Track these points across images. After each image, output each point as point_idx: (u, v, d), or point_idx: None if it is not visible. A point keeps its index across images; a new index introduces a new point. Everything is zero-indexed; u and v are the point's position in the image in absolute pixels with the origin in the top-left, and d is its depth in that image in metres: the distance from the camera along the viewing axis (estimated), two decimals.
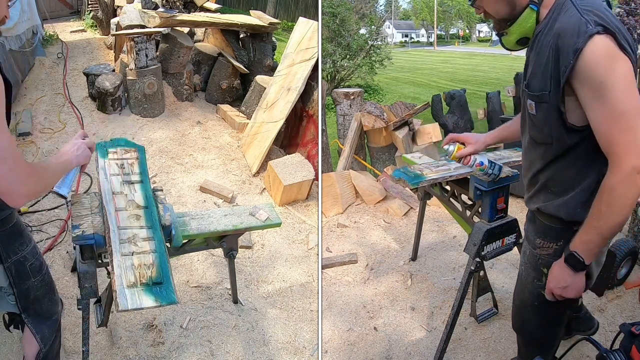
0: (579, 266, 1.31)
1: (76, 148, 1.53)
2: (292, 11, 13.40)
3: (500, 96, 5.52)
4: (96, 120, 4.35)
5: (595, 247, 1.28)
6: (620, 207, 1.20)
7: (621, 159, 1.17)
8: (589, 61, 1.16)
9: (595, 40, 1.15)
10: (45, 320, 1.62)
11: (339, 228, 3.55)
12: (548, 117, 1.32)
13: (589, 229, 1.27)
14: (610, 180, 1.20)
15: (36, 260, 1.55)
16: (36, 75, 5.03)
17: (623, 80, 1.15)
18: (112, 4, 6.29)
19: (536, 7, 1.30)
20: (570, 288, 1.36)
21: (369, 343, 2.41)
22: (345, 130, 4.47)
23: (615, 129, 1.17)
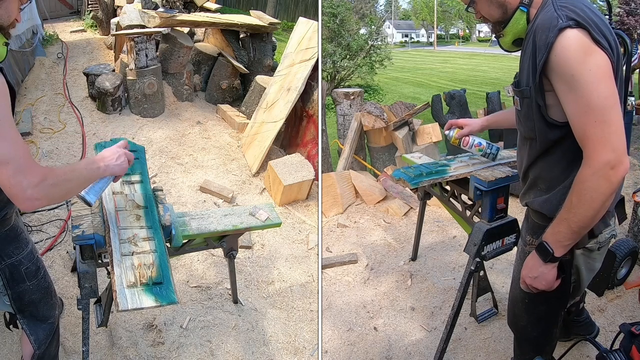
0: (547, 256, 1.32)
1: (116, 157, 1.47)
2: (292, 11, 13.41)
3: (500, 96, 5.51)
4: (96, 120, 4.35)
5: (564, 239, 1.28)
6: (590, 201, 1.19)
7: (593, 152, 1.17)
8: (560, 54, 1.17)
9: (566, 33, 1.16)
10: (40, 323, 1.61)
11: (339, 228, 3.55)
12: (530, 112, 1.34)
13: (560, 220, 1.27)
14: (583, 173, 1.20)
15: (32, 264, 1.54)
16: (36, 75, 5.03)
17: (595, 73, 1.15)
18: (112, 4, 6.29)
19: (526, 9, 1.33)
20: (539, 279, 1.36)
21: (369, 343, 2.41)
22: (345, 130, 4.47)
23: (588, 122, 1.16)
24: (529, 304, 1.57)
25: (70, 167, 1.39)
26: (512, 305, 1.69)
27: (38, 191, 1.22)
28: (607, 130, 1.15)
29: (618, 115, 1.16)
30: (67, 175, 1.33)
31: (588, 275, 1.48)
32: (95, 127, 4.23)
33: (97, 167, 1.42)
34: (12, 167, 1.18)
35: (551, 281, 1.37)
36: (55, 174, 1.29)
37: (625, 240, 2.64)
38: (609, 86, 1.16)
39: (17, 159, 1.19)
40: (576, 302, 2.02)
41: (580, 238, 1.31)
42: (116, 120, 4.35)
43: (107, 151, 1.48)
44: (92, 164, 1.42)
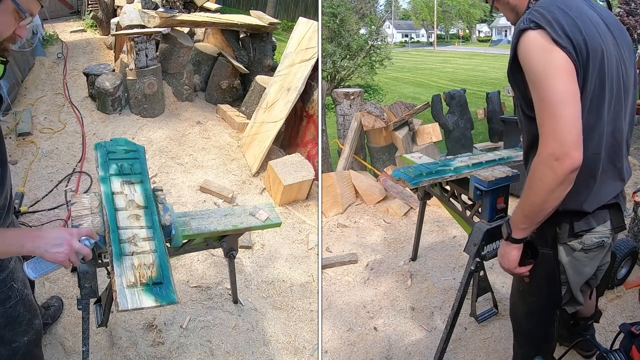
0: (505, 234, 1.42)
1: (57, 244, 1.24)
2: (292, 11, 13.40)
3: (500, 96, 5.51)
4: (96, 120, 4.35)
5: (519, 222, 1.37)
6: (536, 189, 1.27)
7: (542, 144, 1.23)
8: (521, 53, 1.27)
9: (527, 34, 1.25)
10: (4, 344, 1.55)
11: (339, 228, 3.55)
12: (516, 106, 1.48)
13: (518, 205, 1.37)
14: (534, 163, 1.27)
15: (1, 293, 1.45)
16: (36, 75, 5.03)
17: (551, 69, 1.21)
18: (112, 4, 6.29)
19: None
20: (503, 257, 1.46)
21: (369, 343, 2.41)
22: (345, 130, 4.47)
23: (542, 115, 1.24)
24: (522, 293, 1.64)
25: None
26: (511, 294, 1.76)
27: None
28: (557, 123, 1.20)
29: (572, 111, 1.20)
30: None
31: (576, 277, 1.48)
32: (95, 127, 4.23)
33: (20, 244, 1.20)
34: None
35: (513, 261, 1.44)
36: None
37: (625, 240, 2.64)
38: (564, 82, 1.20)
39: None
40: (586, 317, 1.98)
41: (533, 225, 1.36)
42: (116, 120, 4.35)
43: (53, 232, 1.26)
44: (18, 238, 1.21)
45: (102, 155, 1.97)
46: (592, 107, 1.27)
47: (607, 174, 1.36)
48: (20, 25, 1.22)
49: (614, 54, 1.30)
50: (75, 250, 1.27)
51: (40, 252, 1.21)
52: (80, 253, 1.30)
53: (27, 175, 3.47)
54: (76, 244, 1.27)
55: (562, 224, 1.41)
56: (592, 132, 1.28)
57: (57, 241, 1.23)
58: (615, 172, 1.38)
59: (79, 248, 1.29)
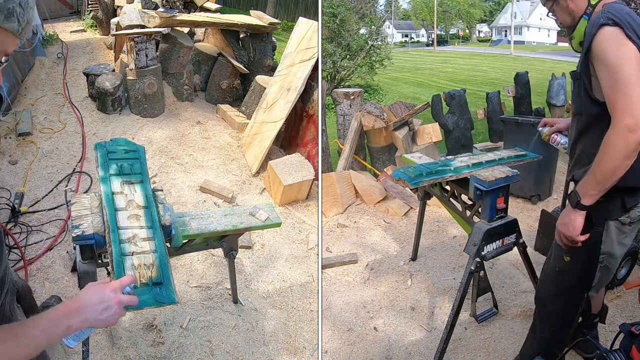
0: (575, 202, 1.58)
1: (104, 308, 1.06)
2: (292, 11, 13.40)
3: (500, 96, 5.51)
4: (96, 120, 4.35)
5: (590, 188, 1.54)
6: (611, 156, 1.47)
7: (617, 118, 1.45)
8: (598, 42, 1.51)
9: (605, 28, 1.50)
10: None
11: (339, 228, 3.55)
12: (579, 91, 1.66)
13: (589, 173, 1.55)
14: (608, 133, 1.48)
15: None
16: (36, 75, 5.03)
17: (623, 57, 1.46)
18: (112, 4, 6.29)
19: (587, 17, 1.67)
20: (568, 224, 1.61)
21: (369, 343, 2.41)
22: (345, 130, 4.47)
23: (616, 94, 1.46)
24: (557, 273, 1.79)
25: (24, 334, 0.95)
26: (542, 275, 1.91)
27: None
28: (630, 101, 1.43)
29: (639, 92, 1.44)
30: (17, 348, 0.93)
31: (620, 249, 1.71)
32: (95, 127, 4.23)
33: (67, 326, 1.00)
34: None
35: (577, 228, 1.59)
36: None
37: None
38: (633, 69, 1.45)
39: None
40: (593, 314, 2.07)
41: (601, 192, 1.54)
42: (116, 120, 4.35)
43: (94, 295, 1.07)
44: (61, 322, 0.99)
45: (102, 155, 1.97)
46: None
47: None
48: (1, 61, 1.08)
49: None
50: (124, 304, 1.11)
51: (91, 324, 1.05)
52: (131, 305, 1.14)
53: (27, 175, 3.47)
54: (124, 299, 1.11)
55: (614, 201, 1.60)
56: None
57: (103, 305, 1.06)
58: None
59: (127, 301, 1.12)
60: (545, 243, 3.09)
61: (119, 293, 1.11)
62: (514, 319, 2.52)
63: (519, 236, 2.19)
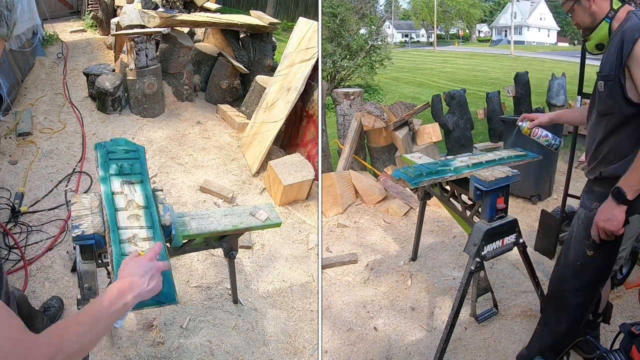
0: (621, 197, 1.62)
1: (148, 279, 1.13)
2: (292, 11, 13.40)
3: (500, 96, 5.51)
4: (96, 120, 4.35)
5: (635, 183, 1.59)
6: None
7: None
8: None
9: None
10: None
11: (339, 228, 3.55)
12: (612, 92, 1.68)
13: (632, 169, 1.59)
14: None
15: None
16: (36, 75, 5.03)
17: None
18: (112, 4, 6.29)
19: (609, 20, 1.71)
20: (612, 220, 1.65)
21: (369, 343, 2.41)
22: (345, 130, 4.47)
23: None
24: (580, 267, 1.83)
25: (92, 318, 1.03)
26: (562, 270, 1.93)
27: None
28: None
29: None
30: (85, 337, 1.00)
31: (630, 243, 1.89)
32: (95, 127, 4.23)
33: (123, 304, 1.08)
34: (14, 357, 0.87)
35: (620, 222, 1.64)
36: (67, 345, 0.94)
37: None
38: None
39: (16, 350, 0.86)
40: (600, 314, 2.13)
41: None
42: (116, 120, 4.35)
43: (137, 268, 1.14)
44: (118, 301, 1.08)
45: (102, 155, 1.97)
46: None
47: None
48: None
49: None
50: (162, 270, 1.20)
51: (144, 297, 1.13)
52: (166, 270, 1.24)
53: (27, 175, 3.47)
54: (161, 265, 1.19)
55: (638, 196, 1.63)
56: None
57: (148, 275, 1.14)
58: None
59: (164, 267, 1.21)
60: (545, 243, 3.09)
61: (155, 260, 1.18)
62: (514, 319, 2.52)
63: (519, 236, 2.19)
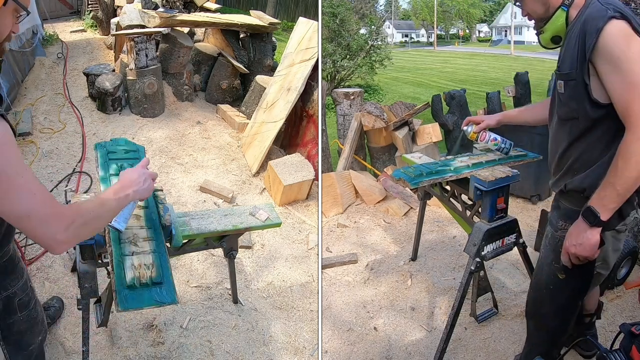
0: (594, 219, 1.42)
1: (143, 180, 1.40)
2: (292, 11, 13.41)
3: (500, 96, 5.50)
4: (96, 120, 4.35)
5: (610, 202, 1.39)
6: (635, 163, 1.33)
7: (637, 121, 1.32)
8: (607, 38, 1.35)
9: (613, 22, 1.35)
10: (22, 351, 1.58)
11: (339, 228, 3.55)
12: (575, 93, 1.48)
13: (606, 185, 1.39)
14: (628, 139, 1.34)
15: (25, 295, 1.51)
16: (36, 75, 5.03)
17: (636, 55, 1.32)
18: (112, 4, 6.29)
19: (566, 8, 1.51)
20: (584, 245, 1.45)
21: (369, 343, 2.41)
22: (345, 130, 4.47)
23: (631, 96, 1.32)
24: (553, 291, 1.66)
25: (99, 200, 1.31)
26: (535, 294, 1.77)
27: (67, 235, 1.17)
28: None
29: None
30: (96, 211, 1.27)
31: (614, 255, 1.61)
32: (95, 127, 4.23)
33: (125, 195, 1.36)
34: (35, 220, 1.13)
35: (594, 246, 1.44)
36: (83, 213, 1.23)
37: (625, 240, 2.64)
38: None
39: (37, 210, 1.13)
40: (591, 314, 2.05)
41: (620, 204, 1.41)
42: (116, 120, 4.35)
43: (133, 173, 1.41)
44: (121, 191, 1.35)
45: (102, 155, 1.97)
46: None
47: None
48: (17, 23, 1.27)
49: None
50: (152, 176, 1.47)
51: (140, 195, 1.40)
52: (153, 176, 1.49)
53: None
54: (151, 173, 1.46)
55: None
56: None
57: (142, 177, 1.42)
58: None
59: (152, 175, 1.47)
60: None
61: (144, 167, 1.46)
62: (514, 319, 2.52)
63: (519, 236, 2.19)
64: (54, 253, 1.22)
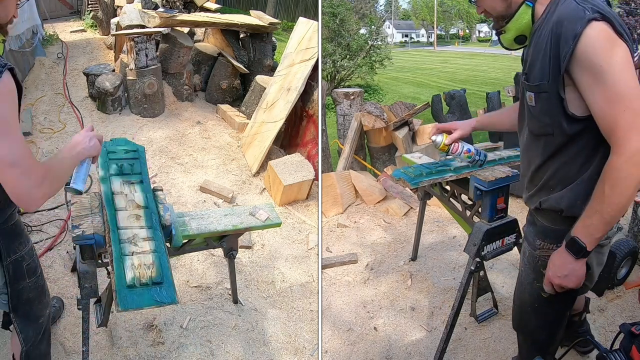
0: (580, 252, 1.28)
1: (88, 139, 1.50)
2: (292, 11, 13.41)
3: (500, 96, 5.51)
4: (96, 120, 4.35)
5: (597, 231, 1.25)
6: (624, 189, 1.17)
7: (624, 140, 1.15)
8: (588, 45, 1.17)
9: (593, 25, 1.16)
10: (31, 323, 1.61)
11: (339, 228, 3.55)
12: (548, 107, 1.30)
13: (591, 213, 1.24)
14: (614, 161, 1.18)
15: (32, 261, 1.55)
16: (36, 75, 5.03)
17: (621, 63, 1.16)
18: (112, 4, 6.29)
19: (531, 4, 1.31)
20: (570, 276, 1.32)
21: (369, 343, 2.41)
22: (345, 130, 4.47)
23: (617, 111, 1.15)
24: (538, 308, 1.54)
25: (58, 159, 1.42)
26: (519, 310, 1.66)
27: (40, 190, 1.25)
28: (636, 117, 1.14)
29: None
30: (60, 168, 1.38)
31: (598, 269, 1.46)
32: (95, 127, 4.21)
33: (76, 152, 1.45)
34: (19, 169, 1.21)
35: (581, 277, 1.32)
36: (50, 169, 1.32)
37: (625, 240, 2.64)
38: (633, 76, 1.16)
39: (23, 160, 1.22)
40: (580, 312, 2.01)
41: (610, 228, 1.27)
42: (116, 120, 4.35)
43: (78, 136, 1.50)
44: (72, 150, 1.45)
45: (102, 155, 1.97)
46: None
47: None
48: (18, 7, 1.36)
49: None
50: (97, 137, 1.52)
51: (89, 151, 1.48)
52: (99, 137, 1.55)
53: None
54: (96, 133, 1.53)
55: None
56: None
57: (87, 137, 1.49)
58: None
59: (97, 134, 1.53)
60: None
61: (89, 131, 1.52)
62: None
63: (519, 236, 2.19)
64: (28, 208, 1.30)
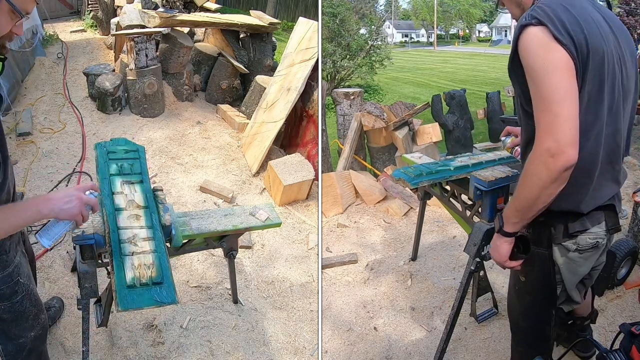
0: (498, 227, 1.43)
1: (66, 200, 1.32)
2: (292, 11, 13.40)
3: (500, 96, 5.52)
4: (96, 120, 4.35)
5: (511, 216, 1.37)
6: (530, 184, 1.27)
7: (539, 140, 1.23)
8: (522, 48, 1.26)
9: (528, 30, 1.25)
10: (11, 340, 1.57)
11: (339, 228, 3.55)
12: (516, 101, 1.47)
13: (511, 198, 1.38)
14: (530, 157, 1.27)
15: (7, 288, 1.48)
16: (36, 75, 5.03)
17: (552, 66, 1.21)
18: (112, 4, 6.29)
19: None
20: (494, 249, 1.47)
21: (369, 343, 2.41)
22: (345, 130, 4.47)
23: (540, 111, 1.24)
24: (518, 292, 1.64)
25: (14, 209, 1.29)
26: (509, 297, 1.76)
27: None
28: (553, 120, 1.20)
29: (569, 108, 1.20)
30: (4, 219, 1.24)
31: (571, 277, 1.49)
32: (95, 127, 4.23)
33: (36, 210, 1.28)
34: None
35: (504, 255, 1.44)
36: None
37: (625, 240, 2.64)
38: (562, 80, 1.20)
39: None
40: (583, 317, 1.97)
41: (524, 220, 1.36)
42: (116, 120, 4.35)
43: (61, 191, 1.36)
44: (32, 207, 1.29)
45: (102, 155, 1.97)
46: (590, 107, 1.26)
47: (604, 175, 1.35)
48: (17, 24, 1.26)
49: (615, 55, 1.30)
50: (85, 202, 1.36)
51: (56, 213, 1.30)
52: (89, 205, 1.39)
53: (27, 175, 3.47)
54: (84, 197, 1.36)
55: (556, 224, 1.41)
56: (589, 132, 1.28)
57: (67, 198, 1.32)
58: (613, 174, 1.38)
59: (87, 200, 1.37)
60: None
61: (82, 192, 1.37)
62: None
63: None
64: None
